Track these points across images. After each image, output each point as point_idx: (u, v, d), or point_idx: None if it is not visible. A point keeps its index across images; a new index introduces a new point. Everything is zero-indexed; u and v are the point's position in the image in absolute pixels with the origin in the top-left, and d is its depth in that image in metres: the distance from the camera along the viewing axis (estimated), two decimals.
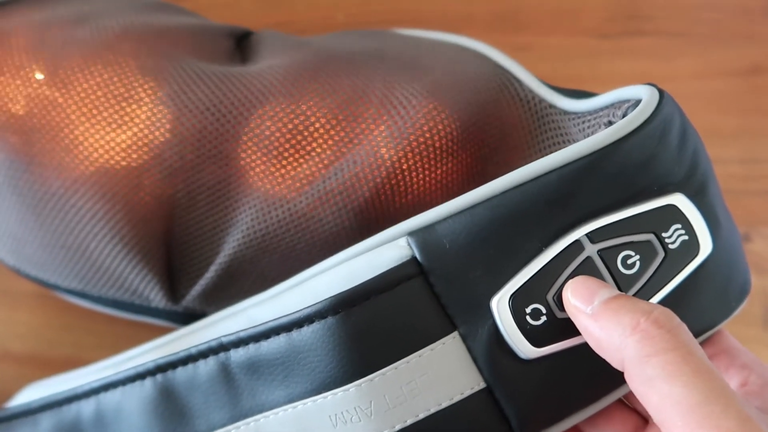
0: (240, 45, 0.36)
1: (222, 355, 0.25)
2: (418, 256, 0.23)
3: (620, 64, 0.41)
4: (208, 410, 0.25)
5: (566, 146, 0.26)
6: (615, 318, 0.21)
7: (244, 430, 0.25)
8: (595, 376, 0.23)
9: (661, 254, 0.23)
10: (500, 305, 0.23)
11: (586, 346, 0.22)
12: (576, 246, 0.23)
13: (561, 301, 0.23)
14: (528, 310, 0.23)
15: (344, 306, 0.23)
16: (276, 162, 0.30)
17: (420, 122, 0.29)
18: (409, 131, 0.29)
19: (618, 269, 0.23)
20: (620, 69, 0.41)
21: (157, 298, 0.32)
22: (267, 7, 0.44)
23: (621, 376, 0.21)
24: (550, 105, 0.30)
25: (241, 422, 0.25)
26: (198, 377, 0.25)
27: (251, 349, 0.24)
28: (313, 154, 0.30)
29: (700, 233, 0.24)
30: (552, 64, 0.41)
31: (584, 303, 0.22)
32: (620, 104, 0.25)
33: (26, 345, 0.40)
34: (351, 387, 0.23)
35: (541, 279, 0.23)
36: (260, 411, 0.25)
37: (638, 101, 0.24)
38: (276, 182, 0.30)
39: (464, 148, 0.30)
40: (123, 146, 0.30)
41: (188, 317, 0.33)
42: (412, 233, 0.23)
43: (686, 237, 0.24)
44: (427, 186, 0.30)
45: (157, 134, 0.30)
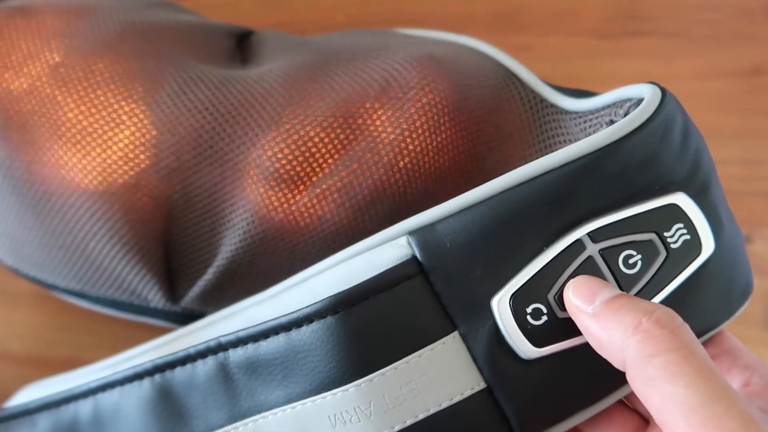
0: (240, 45, 0.36)
1: (221, 355, 0.25)
2: (419, 256, 0.23)
3: (620, 65, 0.41)
4: (207, 410, 0.25)
5: (568, 145, 0.26)
6: (616, 318, 0.21)
7: (243, 431, 0.25)
8: (596, 377, 0.23)
9: (663, 254, 0.23)
10: (501, 305, 0.23)
11: (587, 346, 0.22)
12: (577, 245, 0.23)
13: (562, 301, 0.23)
14: (529, 310, 0.23)
15: (344, 305, 0.23)
16: (274, 162, 0.30)
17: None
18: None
19: (619, 269, 0.23)
20: (620, 69, 0.41)
21: (156, 299, 0.32)
22: (267, 7, 0.44)
23: (622, 377, 0.21)
24: (552, 104, 0.29)
25: (240, 423, 0.25)
26: (196, 377, 0.25)
27: (250, 349, 0.24)
28: (310, 154, 0.30)
29: (703, 233, 0.24)
30: (552, 64, 0.41)
31: (585, 303, 0.22)
32: (622, 103, 0.25)
33: (25, 345, 0.40)
34: (350, 387, 0.23)
35: (542, 278, 0.23)
36: (259, 411, 0.25)
37: (640, 100, 0.24)
38: (273, 183, 0.30)
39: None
40: (120, 146, 0.30)
41: (187, 317, 0.33)
42: (413, 232, 0.23)
43: (688, 237, 0.24)
44: (426, 174, 0.30)
45: (155, 135, 0.30)
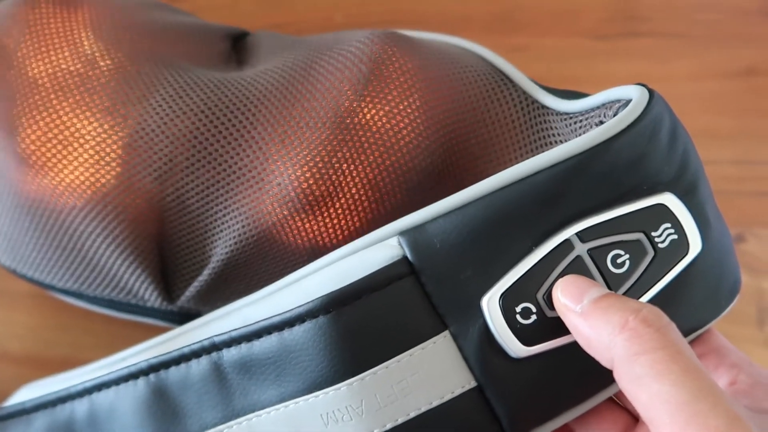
0: (236, 46, 0.36)
1: (214, 355, 0.25)
2: (409, 256, 0.23)
3: (616, 65, 0.41)
4: (201, 410, 0.25)
5: (558, 146, 0.26)
6: (604, 317, 0.21)
7: (237, 430, 0.25)
8: (585, 375, 0.23)
9: (651, 253, 0.23)
10: (491, 304, 0.23)
11: (576, 345, 0.22)
12: (566, 245, 0.23)
13: (551, 300, 0.23)
14: (518, 309, 0.23)
15: (335, 305, 0.23)
16: (265, 165, 0.30)
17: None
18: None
19: (608, 268, 0.23)
20: (616, 70, 0.41)
21: (152, 298, 0.32)
22: (266, 8, 0.44)
23: (611, 375, 0.21)
24: (543, 105, 0.30)
25: (234, 422, 0.25)
26: (191, 377, 0.26)
27: (243, 349, 0.24)
28: (300, 156, 0.30)
29: (690, 232, 0.24)
30: (548, 65, 0.41)
31: (574, 302, 0.22)
32: (611, 104, 0.25)
33: (23, 345, 0.40)
34: (342, 386, 0.23)
35: (531, 278, 0.23)
36: (252, 410, 0.25)
37: (629, 101, 0.24)
38: (266, 186, 0.30)
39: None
40: (114, 148, 0.30)
41: (184, 317, 0.33)
42: (403, 233, 0.23)
43: (676, 236, 0.24)
44: (416, 174, 0.30)
45: (149, 137, 0.30)
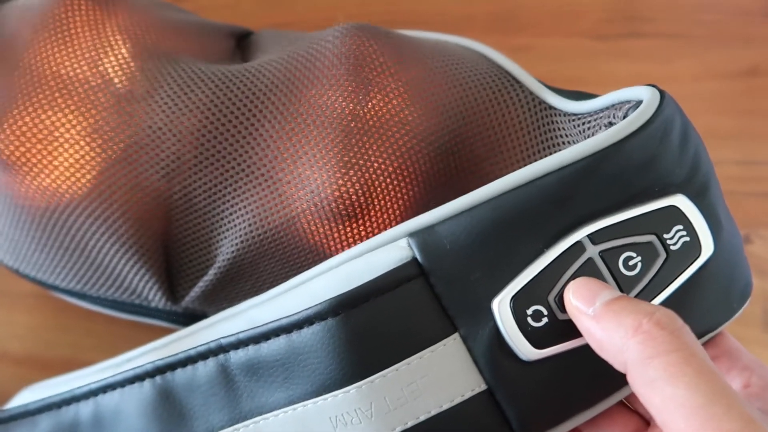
0: (240, 45, 0.36)
1: (221, 357, 0.25)
2: (419, 257, 0.23)
3: (618, 66, 0.41)
4: (208, 412, 0.25)
5: (567, 147, 0.26)
6: (617, 319, 0.21)
7: None
8: (597, 378, 0.23)
9: (663, 255, 0.23)
10: (501, 307, 0.23)
11: (588, 348, 0.22)
12: (577, 247, 0.23)
13: (562, 303, 0.23)
14: (529, 312, 0.23)
15: (344, 307, 0.23)
16: (274, 165, 0.30)
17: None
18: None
19: (619, 270, 0.23)
20: (618, 70, 0.41)
21: (157, 298, 0.32)
22: (267, 8, 0.44)
23: (622, 378, 0.21)
24: (550, 106, 0.30)
25: (241, 424, 0.25)
26: (197, 379, 0.25)
27: (251, 351, 0.24)
28: (308, 156, 0.29)
29: (702, 234, 0.24)
30: (550, 65, 0.41)
31: (586, 304, 0.22)
32: (621, 105, 0.25)
33: (25, 346, 0.40)
34: (351, 389, 0.23)
35: (543, 280, 0.23)
36: (260, 413, 0.25)
37: (639, 102, 0.24)
38: (273, 185, 0.30)
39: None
40: (121, 146, 0.30)
41: (188, 318, 0.33)
42: (413, 234, 0.23)
43: (688, 238, 0.24)
44: (424, 177, 0.30)
45: (156, 134, 0.30)
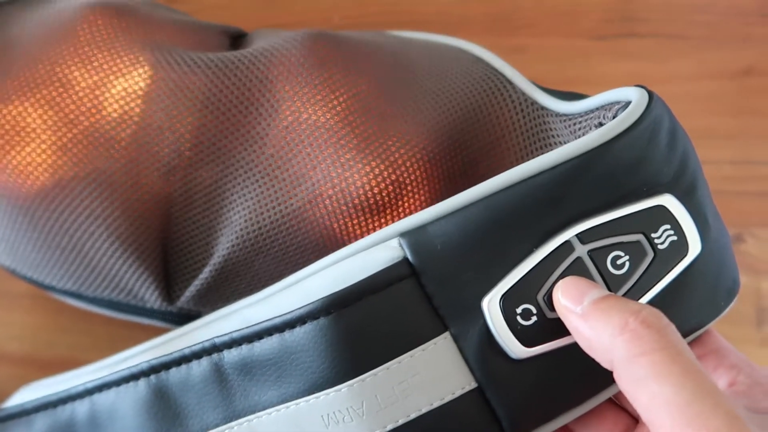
0: (234, 45, 0.36)
1: (215, 356, 0.25)
2: (410, 257, 0.23)
3: (615, 66, 0.41)
4: (202, 411, 0.25)
5: (557, 147, 0.26)
6: (604, 318, 0.21)
7: (238, 431, 0.25)
8: (586, 376, 0.24)
9: (651, 255, 0.24)
10: (491, 306, 0.23)
11: (576, 346, 0.22)
12: (566, 247, 0.23)
13: (551, 302, 0.23)
14: (518, 311, 0.23)
15: (336, 307, 0.23)
16: (270, 162, 0.30)
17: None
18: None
19: (608, 269, 0.23)
20: (615, 71, 0.41)
21: (152, 299, 0.32)
22: (263, 9, 0.44)
23: (611, 376, 0.21)
24: (542, 107, 0.30)
25: (235, 422, 0.25)
26: (191, 378, 0.26)
27: (244, 350, 0.24)
28: (304, 154, 0.30)
29: (689, 233, 0.24)
30: (547, 66, 0.41)
31: (574, 303, 0.22)
32: (610, 106, 0.26)
33: (22, 346, 0.40)
34: (343, 387, 0.23)
35: (532, 280, 0.23)
36: (253, 411, 0.25)
37: (628, 103, 0.24)
38: (269, 182, 0.30)
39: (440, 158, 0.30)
40: (122, 144, 0.30)
41: (183, 318, 0.33)
42: (404, 234, 0.23)
43: (675, 237, 0.24)
44: (418, 178, 0.30)
45: (156, 131, 0.30)
